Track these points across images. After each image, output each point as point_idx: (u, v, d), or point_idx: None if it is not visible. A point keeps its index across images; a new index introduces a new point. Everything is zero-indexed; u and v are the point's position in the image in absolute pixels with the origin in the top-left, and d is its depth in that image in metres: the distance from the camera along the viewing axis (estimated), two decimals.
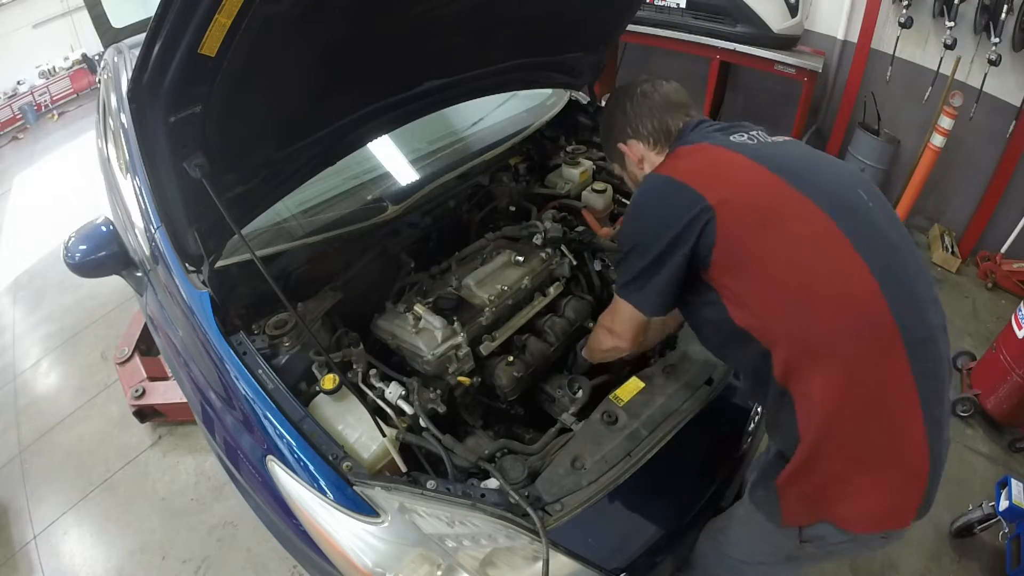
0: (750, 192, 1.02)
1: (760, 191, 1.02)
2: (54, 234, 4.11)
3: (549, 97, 2.33)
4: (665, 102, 1.23)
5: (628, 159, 1.29)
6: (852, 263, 0.96)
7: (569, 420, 1.40)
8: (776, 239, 0.98)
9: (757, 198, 1.01)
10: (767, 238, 0.99)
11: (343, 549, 1.11)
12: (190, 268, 1.43)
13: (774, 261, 0.99)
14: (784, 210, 1.00)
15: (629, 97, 1.26)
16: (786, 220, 0.99)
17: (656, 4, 3.66)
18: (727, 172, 1.06)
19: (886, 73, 3.31)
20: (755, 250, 0.99)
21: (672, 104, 1.23)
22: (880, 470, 0.99)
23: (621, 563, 1.22)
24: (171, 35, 0.88)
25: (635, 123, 1.25)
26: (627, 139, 1.27)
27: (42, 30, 6.89)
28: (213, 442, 1.48)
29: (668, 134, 1.22)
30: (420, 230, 1.85)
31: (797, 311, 0.98)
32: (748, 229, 0.99)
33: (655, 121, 1.23)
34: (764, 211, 1.00)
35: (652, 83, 1.26)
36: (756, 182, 1.03)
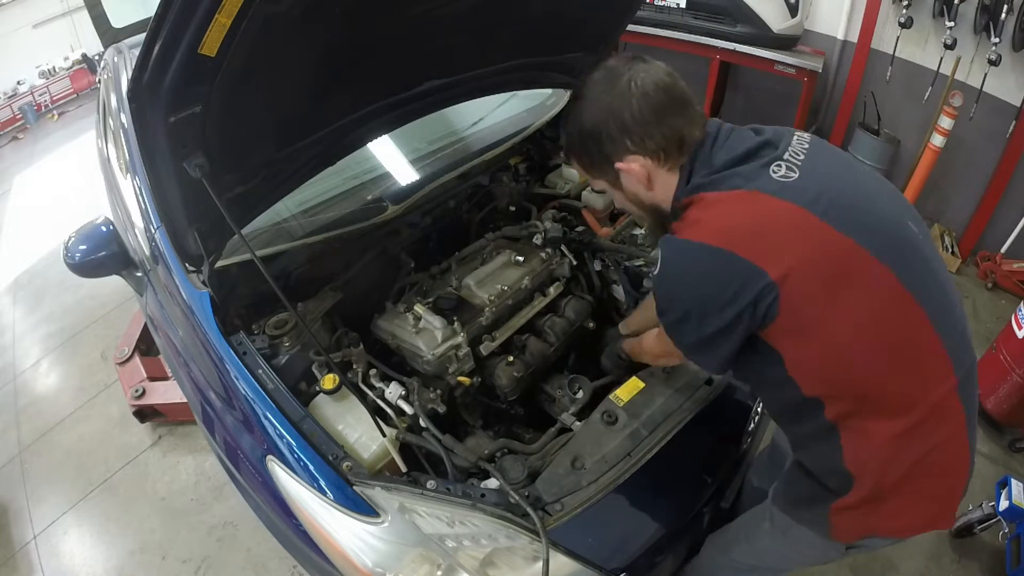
0: (813, 258, 0.86)
1: (823, 253, 0.87)
2: (54, 234, 4.10)
3: (549, 97, 2.33)
4: (670, 100, 0.96)
5: (628, 180, 1.04)
6: (914, 316, 0.90)
7: (569, 420, 1.40)
8: (840, 304, 0.87)
9: (821, 264, 0.86)
10: (831, 305, 0.87)
11: (343, 549, 1.11)
12: (190, 268, 1.43)
13: (838, 325, 0.88)
14: (848, 271, 0.87)
15: (617, 96, 0.96)
16: (850, 282, 0.87)
17: (656, 4, 3.66)
18: (783, 234, 0.87)
19: (886, 73, 3.31)
20: (819, 317, 0.88)
21: (678, 101, 0.97)
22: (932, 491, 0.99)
23: (621, 563, 1.21)
24: (171, 35, 0.88)
25: (636, 134, 0.97)
26: (625, 155, 0.99)
27: (42, 30, 6.89)
28: (213, 442, 1.48)
29: (681, 145, 0.98)
30: (420, 230, 1.85)
31: (861, 372, 0.91)
32: (813, 299, 0.87)
33: (664, 129, 0.96)
34: (828, 277, 0.87)
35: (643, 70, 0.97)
36: (817, 242, 0.87)
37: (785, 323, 0.88)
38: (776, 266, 0.85)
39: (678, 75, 1.00)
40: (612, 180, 1.07)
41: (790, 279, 0.85)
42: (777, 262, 0.85)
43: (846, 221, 0.87)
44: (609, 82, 0.98)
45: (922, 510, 1.00)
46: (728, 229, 0.89)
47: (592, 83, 1.01)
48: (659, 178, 1.01)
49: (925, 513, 1.01)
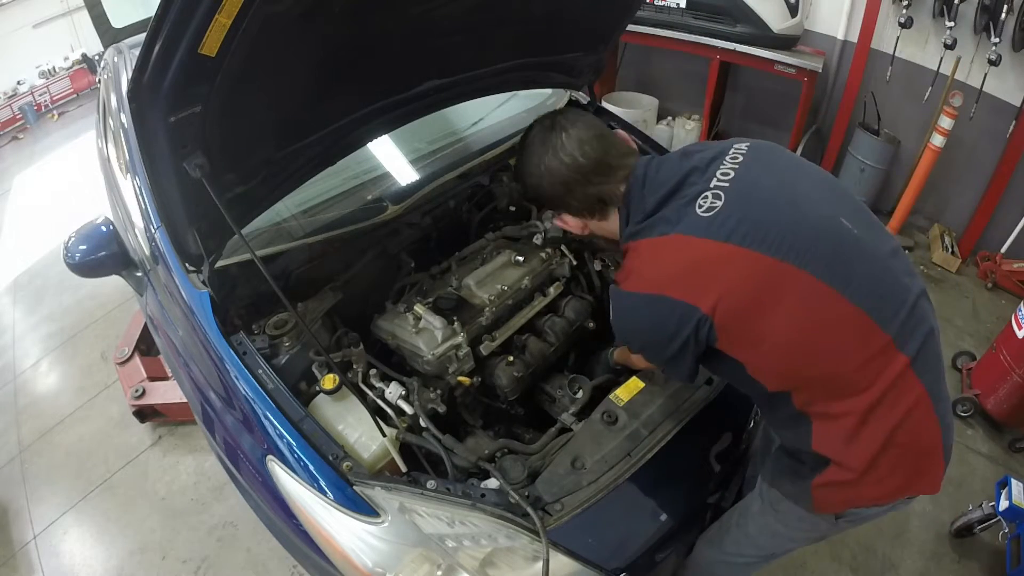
0: (738, 285, 0.95)
1: (746, 278, 0.95)
2: (54, 234, 4.10)
3: (549, 97, 2.33)
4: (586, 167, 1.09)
5: (571, 229, 1.21)
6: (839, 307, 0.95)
7: (569, 420, 1.40)
8: (770, 316, 0.95)
9: (746, 287, 0.95)
10: (762, 318, 0.95)
11: (343, 549, 1.11)
12: (190, 268, 1.43)
13: (774, 332, 0.96)
14: (772, 285, 0.95)
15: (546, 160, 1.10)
16: (776, 295, 0.95)
17: (656, 4, 3.66)
18: (709, 270, 0.97)
19: (886, 73, 3.31)
20: (755, 330, 0.96)
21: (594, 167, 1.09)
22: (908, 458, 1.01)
23: (621, 563, 1.21)
24: (171, 35, 0.88)
25: (559, 201, 1.14)
26: (560, 213, 1.18)
27: (42, 30, 6.88)
28: (213, 442, 1.48)
29: (602, 202, 1.11)
30: (420, 230, 1.85)
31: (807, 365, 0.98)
32: (745, 319, 0.96)
33: (580, 195, 1.11)
34: (754, 297, 0.95)
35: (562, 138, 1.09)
36: (740, 271, 0.95)
37: (728, 340, 0.97)
38: (705, 300, 0.95)
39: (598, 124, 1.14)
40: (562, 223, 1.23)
41: (720, 307, 0.94)
42: (706, 296, 0.95)
43: (768, 241, 0.95)
44: (538, 154, 1.13)
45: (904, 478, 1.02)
46: (659, 276, 1.00)
47: (528, 143, 1.17)
48: (594, 225, 1.18)
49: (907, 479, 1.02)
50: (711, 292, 0.95)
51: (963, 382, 2.56)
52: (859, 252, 0.98)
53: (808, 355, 0.97)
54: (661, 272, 1.00)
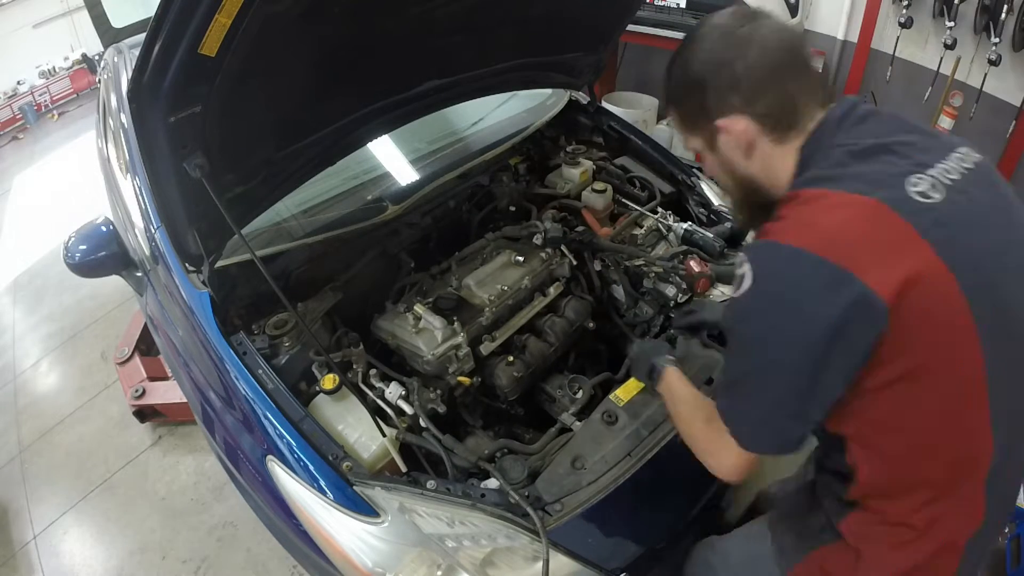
0: (927, 301, 0.72)
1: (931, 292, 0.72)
2: (54, 234, 4.10)
3: (549, 97, 2.33)
4: (792, 60, 0.82)
5: (726, 142, 0.88)
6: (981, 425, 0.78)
7: (569, 420, 1.40)
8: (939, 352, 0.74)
9: (931, 289, 0.72)
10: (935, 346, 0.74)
11: (343, 549, 1.11)
12: (190, 268, 1.43)
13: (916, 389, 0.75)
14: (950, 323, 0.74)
15: (735, 46, 0.82)
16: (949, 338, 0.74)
17: (656, 4, 3.66)
18: (899, 254, 0.72)
19: (886, 73, 3.31)
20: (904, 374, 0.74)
21: (800, 65, 0.83)
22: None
23: (621, 563, 1.21)
24: (171, 35, 0.88)
25: (748, 90, 0.82)
26: (731, 112, 0.84)
27: (42, 30, 6.88)
28: (213, 442, 1.48)
29: (795, 116, 0.84)
30: (420, 230, 1.85)
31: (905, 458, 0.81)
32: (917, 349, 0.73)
33: (779, 93, 0.82)
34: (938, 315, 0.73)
35: (767, 21, 0.84)
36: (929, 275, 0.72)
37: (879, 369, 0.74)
38: (887, 283, 0.70)
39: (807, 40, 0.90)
40: (708, 140, 0.91)
41: (905, 304, 0.70)
42: (890, 287, 0.70)
43: (970, 272, 0.74)
44: (727, 28, 0.84)
45: None
46: (832, 230, 0.74)
47: (708, 26, 0.87)
48: (761, 148, 0.87)
49: None
50: (895, 272, 0.70)
51: None
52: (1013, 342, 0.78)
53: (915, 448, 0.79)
54: (842, 235, 0.73)
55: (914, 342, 0.73)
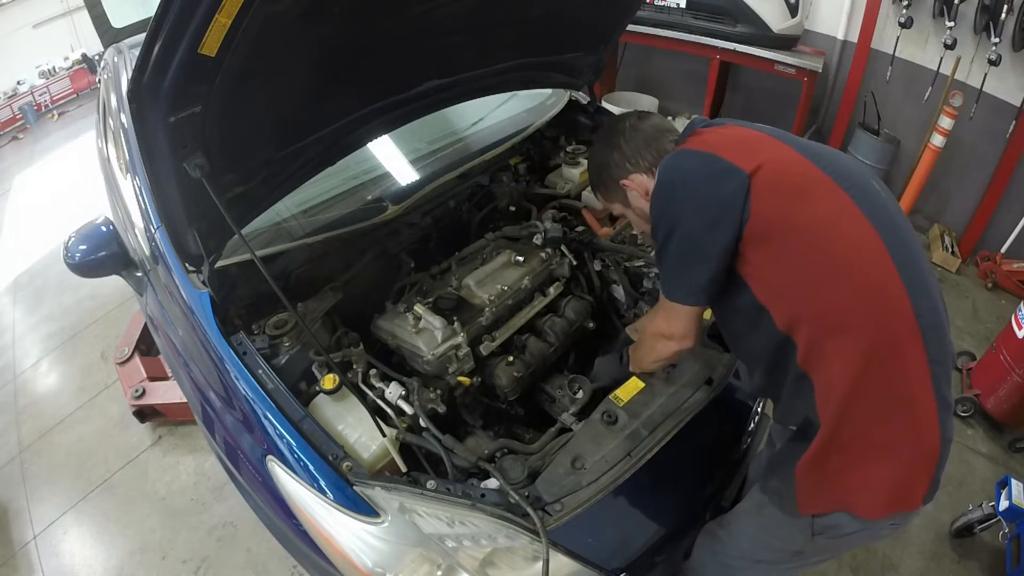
0: (779, 166, 1.03)
1: (788, 166, 1.04)
2: (54, 234, 4.11)
3: (549, 97, 2.33)
4: (655, 130, 1.23)
5: (633, 194, 1.27)
6: (873, 243, 0.99)
7: (569, 420, 1.40)
8: (802, 215, 1.00)
9: (785, 172, 1.03)
10: (794, 213, 1.00)
11: (343, 549, 1.11)
12: (190, 268, 1.43)
13: (800, 236, 1.00)
14: (810, 186, 1.02)
15: (619, 134, 1.25)
16: (812, 196, 1.01)
17: (656, 4, 3.67)
18: (754, 145, 1.07)
19: (886, 73, 3.31)
20: (783, 224, 1.00)
21: (662, 131, 1.23)
22: (895, 453, 1.00)
23: (621, 563, 1.22)
24: (171, 35, 0.88)
25: (633, 157, 1.23)
26: (627, 174, 1.25)
27: (42, 30, 6.89)
28: (213, 442, 1.48)
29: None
30: (420, 230, 1.85)
31: (822, 287, 0.99)
32: (778, 203, 1.00)
33: (652, 151, 1.22)
34: (792, 186, 1.02)
35: (636, 116, 1.27)
36: (783, 157, 1.05)
37: (752, 229, 0.99)
38: (747, 164, 1.01)
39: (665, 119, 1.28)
40: (623, 201, 1.31)
41: (759, 176, 1.00)
42: (748, 161, 1.01)
43: (815, 155, 1.05)
44: (611, 127, 1.29)
45: (887, 485, 1.01)
46: (711, 142, 1.09)
47: (600, 131, 1.34)
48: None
49: (890, 488, 1.01)
50: (753, 160, 1.01)
51: (963, 382, 2.56)
52: (884, 208, 1.03)
53: (830, 269, 0.98)
54: (714, 141, 1.09)
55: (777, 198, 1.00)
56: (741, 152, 1.03)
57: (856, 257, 0.99)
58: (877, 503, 1.03)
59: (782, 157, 1.05)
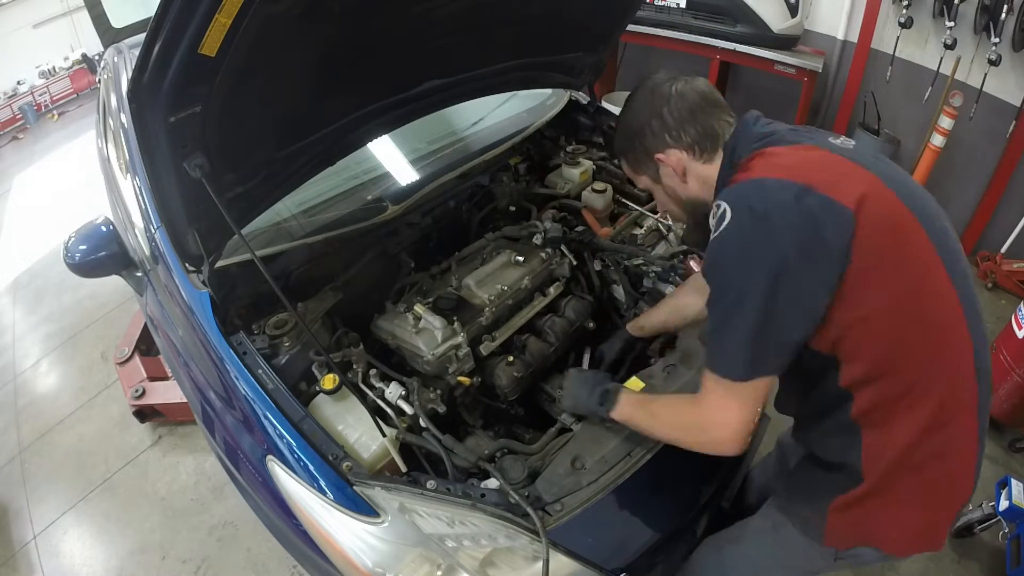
0: (877, 203, 0.88)
1: (883, 204, 0.89)
2: (54, 234, 4.11)
3: (549, 97, 2.33)
4: (704, 101, 1.05)
5: (666, 171, 1.10)
6: (951, 300, 0.91)
7: (569, 420, 1.40)
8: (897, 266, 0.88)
9: (883, 214, 0.88)
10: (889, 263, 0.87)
11: (343, 549, 1.11)
12: (190, 268, 1.43)
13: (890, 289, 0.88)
14: (903, 230, 0.90)
15: (661, 99, 1.06)
16: (905, 244, 0.89)
17: (656, 4, 3.66)
18: (846, 174, 0.90)
19: (886, 73, 3.31)
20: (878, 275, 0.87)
21: (712, 103, 1.05)
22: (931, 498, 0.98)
23: (621, 563, 1.21)
24: (171, 35, 0.88)
25: (675, 129, 1.05)
26: (665, 148, 1.07)
27: (42, 30, 6.90)
28: (213, 442, 1.48)
29: (715, 139, 1.04)
30: (420, 230, 1.85)
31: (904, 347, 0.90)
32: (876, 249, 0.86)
33: (698, 125, 1.04)
34: (889, 230, 0.88)
35: (683, 80, 1.07)
36: (877, 191, 0.89)
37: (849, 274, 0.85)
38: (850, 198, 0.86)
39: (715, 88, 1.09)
40: (653, 176, 1.14)
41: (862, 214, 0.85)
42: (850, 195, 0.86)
43: (903, 193, 0.92)
44: (653, 87, 1.08)
45: (920, 522, 1.00)
46: (798, 168, 0.91)
47: (639, 89, 1.11)
48: (694, 171, 1.07)
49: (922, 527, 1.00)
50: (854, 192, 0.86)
51: None
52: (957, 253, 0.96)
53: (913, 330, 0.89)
54: (802, 166, 0.91)
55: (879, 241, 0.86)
56: (835, 181, 0.88)
57: (939, 317, 0.91)
58: (904, 541, 1.02)
59: (876, 191, 0.89)
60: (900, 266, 0.88)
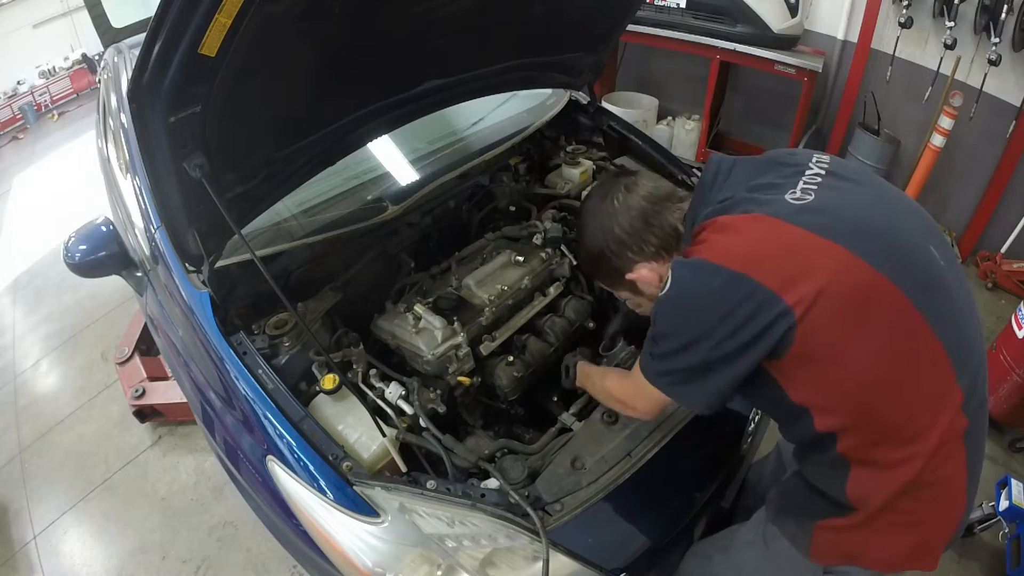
0: (829, 286, 0.83)
1: (839, 280, 0.84)
2: (54, 234, 4.11)
3: (549, 97, 2.33)
4: (651, 203, 1.03)
5: (644, 285, 1.08)
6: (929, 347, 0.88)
7: (569, 420, 1.40)
8: (855, 333, 0.85)
9: (838, 291, 0.84)
10: (846, 333, 0.85)
11: (343, 549, 1.11)
12: (190, 268, 1.43)
13: (851, 358, 0.86)
14: (865, 297, 0.85)
15: (608, 218, 1.04)
16: (867, 309, 0.85)
17: (656, 4, 3.66)
18: (798, 260, 0.85)
19: (886, 73, 3.31)
20: (833, 349, 0.86)
21: (660, 199, 1.03)
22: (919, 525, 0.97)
23: (621, 563, 1.21)
24: (171, 35, 0.88)
25: (634, 245, 1.04)
26: (632, 266, 1.06)
27: (42, 30, 6.90)
28: (213, 442, 1.48)
29: (677, 234, 1.03)
30: (420, 230, 1.85)
31: (874, 405, 0.89)
32: (828, 332, 0.84)
33: (655, 230, 1.02)
34: (845, 308, 0.84)
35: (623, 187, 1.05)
36: (833, 270, 0.84)
37: (797, 353, 0.85)
38: (792, 294, 0.83)
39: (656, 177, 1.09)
40: (632, 289, 1.13)
41: (805, 308, 0.83)
42: (793, 289, 0.83)
43: (862, 245, 0.85)
44: (595, 208, 1.08)
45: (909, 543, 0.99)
46: (744, 253, 0.87)
47: (585, 210, 1.11)
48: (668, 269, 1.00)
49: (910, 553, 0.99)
50: (801, 287, 0.83)
51: None
52: (945, 290, 0.91)
53: (886, 390, 0.87)
54: (749, 249, 0.87)
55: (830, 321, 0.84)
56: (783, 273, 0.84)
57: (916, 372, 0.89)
58: (892, 561, 1.01)
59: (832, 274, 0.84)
60: (862, 336, 0.85)
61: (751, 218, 0.90)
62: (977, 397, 0.94)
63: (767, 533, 1.17)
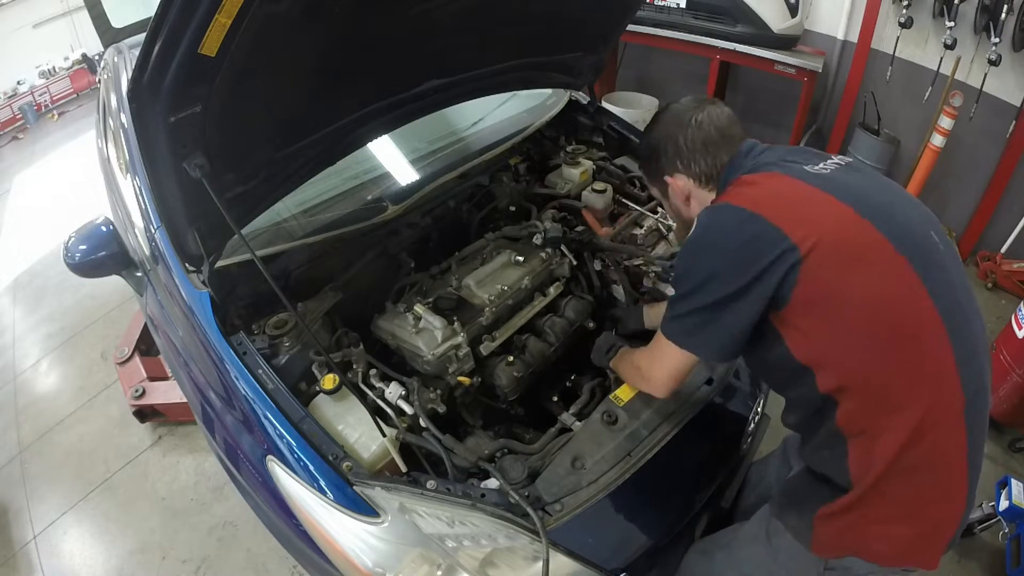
0: (834, 233, 0.94)
1: (843, 231, 0.95)
2: (54, 234, 4.11)
3: (549, 97, 2.33)
4: (720, 136, 1.14)
5: (673, 192, 1.22)
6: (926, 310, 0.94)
7: (569, 420, 1.40)
8: (853, 280, 0.93)
9: (841, 239, 0.94)
10: (848, 282, 0.93)
11: (343, 549, 1.11)
12: (190, 268, 1.43)
13: (851, 305, 0.94)
14: (866, 253, 0.95)
15: (680, 126, 1.16)
16: (867, 262, 0.94)
17: (656, 4, 3.66)
18: (808, 208, 0.98)
19: (886, 73, 3.31)
20: (835, 294, 0.94)
21: (727, 139, 1.14)
22: (919, 514, 0.99)
23: (621, 563, 1.21)
24: (171, 35, 0.88)
25: (687, 157, 1.16)
26: (675, 172, 1.19)
27: (42, 30, 6.89)
28: (213, 442, 1.48)
29: (719, 171, 1.15)
30: (420, 230, 1.85)
31: (874, 361, 0.94)
32: (831, 273, 0.93)
33: (709, 158, 1.14)
34: (848, 255, 0.94)
35: (706, 111, 1.16)
36: (839, 221, 0.96)
37: (800, 297, 0.94)
38: (799, 233, 0.93)
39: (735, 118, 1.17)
40: (662, 190, 1.26)
41: (810, 247, 0.92)
42: (801, 230, 0.93)
43: (871, 213, 0.96)
44: (678, 112, 1.18)
45: (909, 542, 1.00)
46: (758, 199, 1.00)
47: (667, 110, 1.22)
48: (697, 196, 1.19)
49: (912, 545, 1.00)
50: (808, 229, 0.93)
51: None
52: (943, 269, 0.98)
53: (885, 348, 0.93)
54: (763, 197, 1.01)
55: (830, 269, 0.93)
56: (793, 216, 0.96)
57: (912, 332, 0.94)
58: (893, 554, 1.03)
59: (838, 222, 0.96)
60: (861, 285, 0.93)
61: (772, 175, 1.04)
62: (976, 378, 0.97)
63: (770, 529, 1.18)
